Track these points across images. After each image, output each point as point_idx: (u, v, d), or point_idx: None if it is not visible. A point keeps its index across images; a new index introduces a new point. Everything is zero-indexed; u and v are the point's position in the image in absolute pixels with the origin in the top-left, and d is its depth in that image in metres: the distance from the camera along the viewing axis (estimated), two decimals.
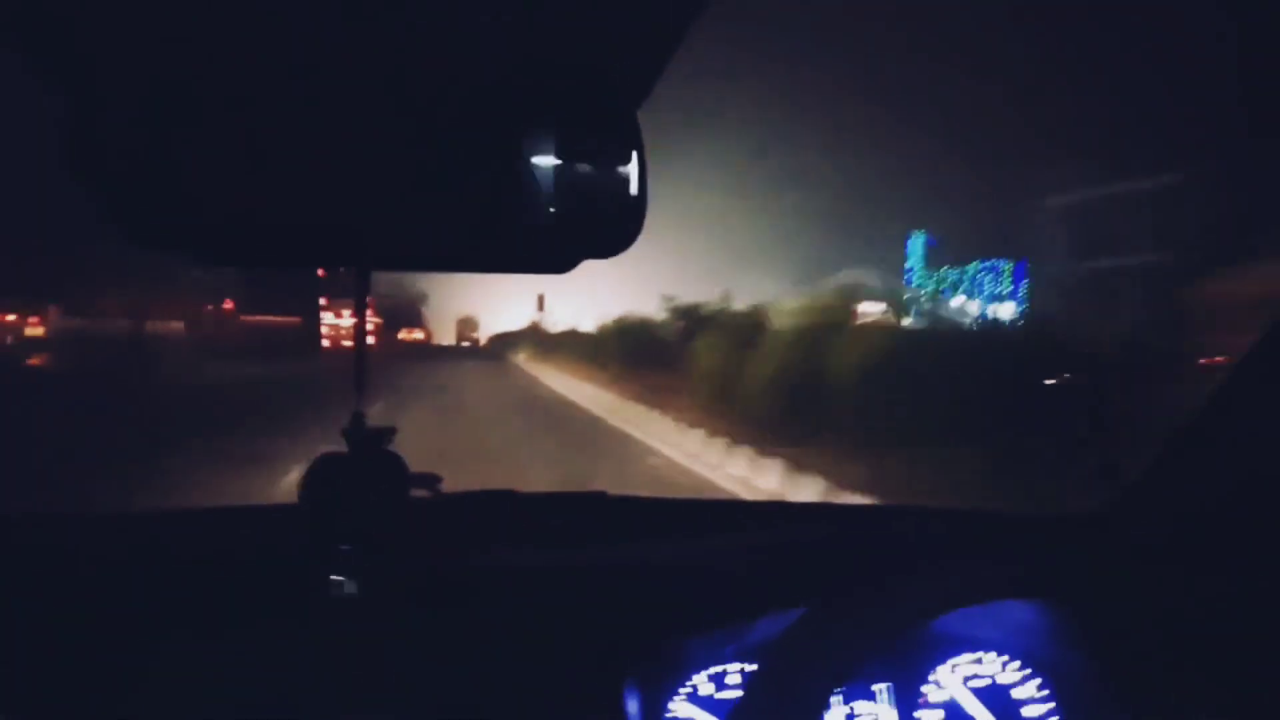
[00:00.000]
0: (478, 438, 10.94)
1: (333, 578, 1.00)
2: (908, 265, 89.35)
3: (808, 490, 7.15)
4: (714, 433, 10.22)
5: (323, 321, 57.01)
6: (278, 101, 0.82)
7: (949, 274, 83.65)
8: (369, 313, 1.06)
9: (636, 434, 11.98)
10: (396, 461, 1.04)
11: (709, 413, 12.12)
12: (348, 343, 1.30)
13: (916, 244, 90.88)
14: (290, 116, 0.82)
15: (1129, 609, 1.04)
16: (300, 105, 0.82)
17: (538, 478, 7.51)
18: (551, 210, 0.83)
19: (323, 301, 57.18)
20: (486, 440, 10.82)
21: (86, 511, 1.31)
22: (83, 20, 0.73)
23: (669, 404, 13.18)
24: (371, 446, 1.03)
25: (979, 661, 1.17)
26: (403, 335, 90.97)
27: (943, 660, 1.17)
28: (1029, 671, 1.17)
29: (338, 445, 1.03)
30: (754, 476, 8.25)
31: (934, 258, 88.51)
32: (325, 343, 51.13)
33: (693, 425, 11.07)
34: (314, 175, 0.83)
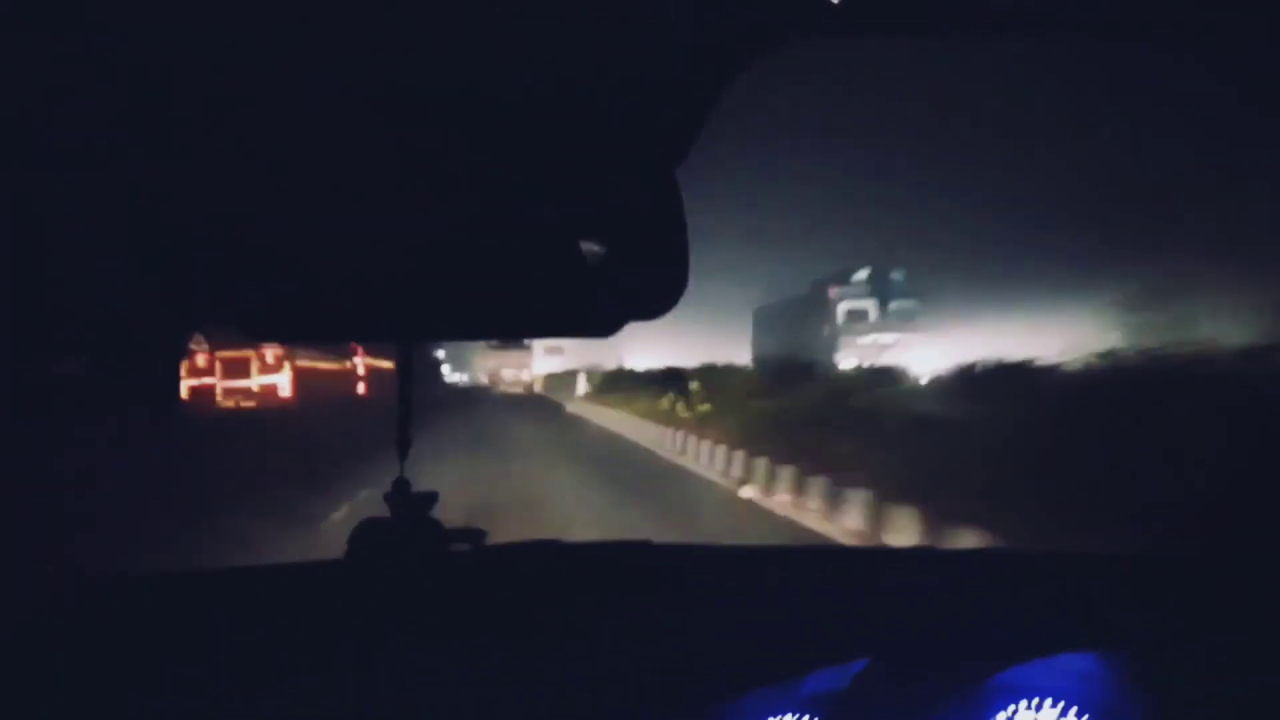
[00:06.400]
0: None
1: (380, 635, 1.01)
2: None
3: None
4: None
5: None
6: (318, 182, 0.83)
7: None
8: None
9: None
10: (435, 526, 1.06)
11: None
12: None
13: None
14: (329, 194, 0.84)
15: (1192, 657, 1.01)
16: (339, 182, 0.84)
17: None
18: (593, 274, 0.83)
19: None
20: None
21: (125, 573, 1.31)
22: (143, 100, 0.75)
23: None
24: (414, 512, 1.04)
25: (1038, 709, 1.15)
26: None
27: (1002, 707, 1.14)
28: (1088, 718, 1.13)
29: None
30: None
31: None
32: None
33: None
34: (354, 248, 0.84)
